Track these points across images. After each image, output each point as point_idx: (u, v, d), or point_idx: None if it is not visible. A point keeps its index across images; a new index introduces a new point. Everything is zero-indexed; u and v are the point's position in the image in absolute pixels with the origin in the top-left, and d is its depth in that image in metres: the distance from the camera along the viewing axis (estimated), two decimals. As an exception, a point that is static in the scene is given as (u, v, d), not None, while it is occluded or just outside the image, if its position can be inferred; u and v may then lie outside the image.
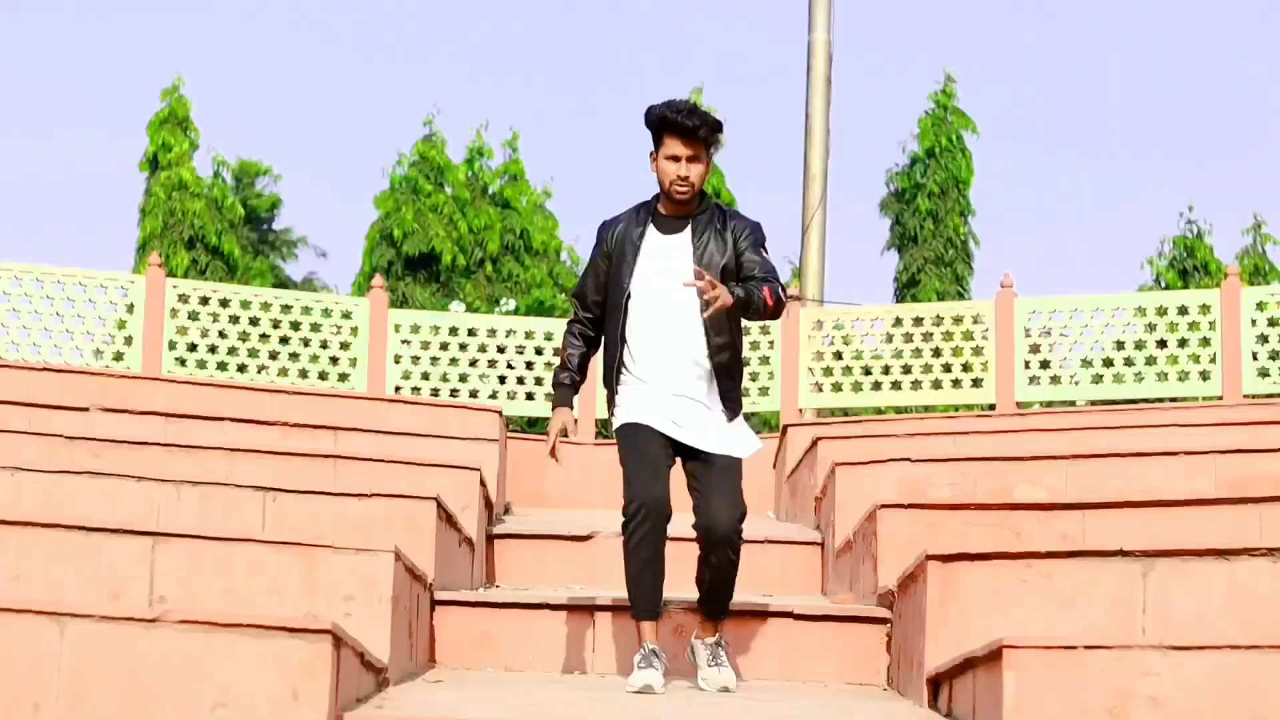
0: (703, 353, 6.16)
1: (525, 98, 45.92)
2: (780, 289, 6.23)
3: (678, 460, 6.24)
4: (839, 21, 17.52)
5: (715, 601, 6.27)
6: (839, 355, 15.14)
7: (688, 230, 6.28)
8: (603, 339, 6.41)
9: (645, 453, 6.13)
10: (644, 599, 6.18)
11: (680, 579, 6.34)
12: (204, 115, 26.99)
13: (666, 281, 6.19)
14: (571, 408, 6.42)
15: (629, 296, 6.24)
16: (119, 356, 14.63)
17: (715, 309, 5.96)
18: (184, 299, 14.85)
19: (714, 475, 6.13)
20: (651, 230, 6.31)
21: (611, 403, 6.31)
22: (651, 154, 6.26)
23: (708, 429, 6.17)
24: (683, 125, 6.14)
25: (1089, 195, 45.72)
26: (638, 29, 48.54)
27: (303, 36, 49.31)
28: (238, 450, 8.41)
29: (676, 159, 6.19)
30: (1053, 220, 47.15)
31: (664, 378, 6.16)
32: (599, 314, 6.40)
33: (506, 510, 10.46)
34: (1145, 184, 45.55)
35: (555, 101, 46.47)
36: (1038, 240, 45.62)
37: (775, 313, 6.26)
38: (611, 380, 6.27)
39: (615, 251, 6.33)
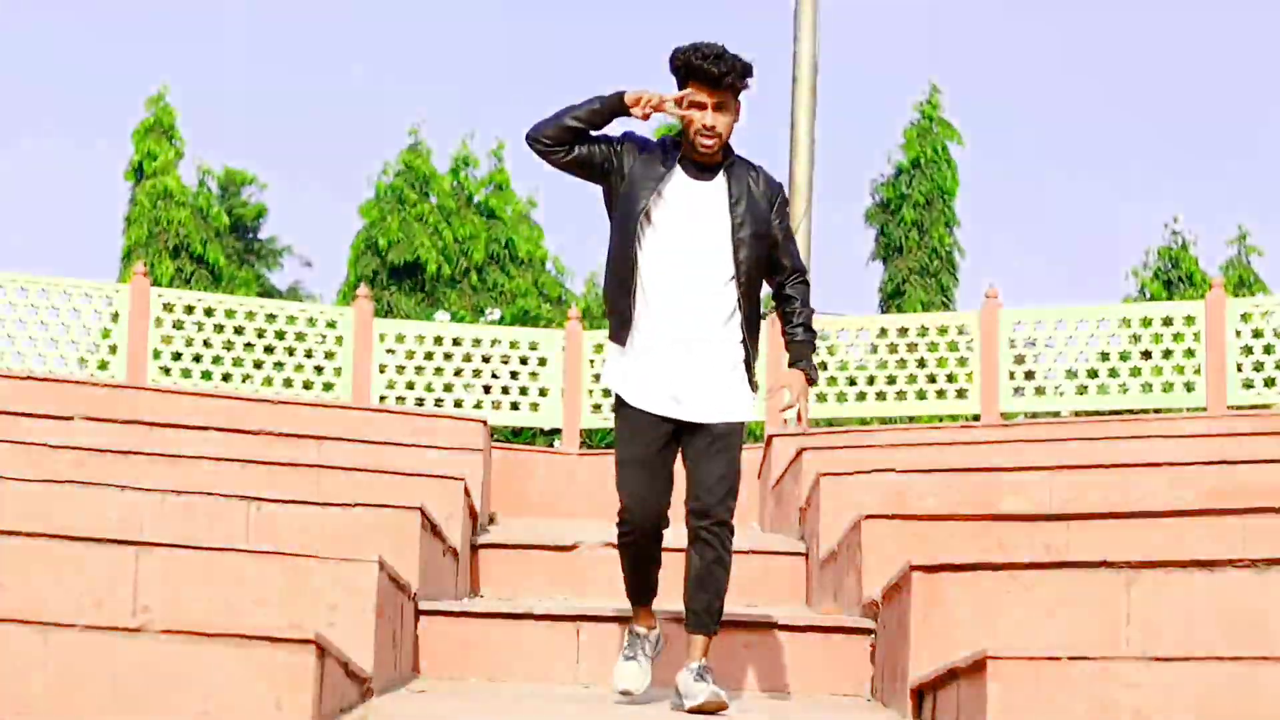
0: (729, 303, 5.85)
1: (511, 107, 45.93)
2: (809, 289, 6.13)
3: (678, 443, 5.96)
4: (825, 32, 17.55)
5: (703, 599, 5.88)
6: (824, 366, 15.15)
7: (721, 179, 5.91)
8: (610, 264, 5.94)
9: (645, 453, 5.88)
10: (638, 584, 6.08)
11: (664, 586, 6.33)
12: (189, 124, 26.93)
13: (695, 227, 5.85)
14: None
15: (648, 226, 5.83)
16: (103, 365, 14.61)
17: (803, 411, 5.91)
18: (168, 308, 14.84)
19: (705, 446, 5.85)
20: (679, 171, 5.87)
21: (621, 338, 5.90)
22: (676, 99, 5.84)
23: (708, 394, 5.84)
24: (708, 72, 5.74)
25: (1074, 206, 45.80)
26: (623, 39, 48.59)
27: (289, 46, 49.31)
28: (222, 459, 8.40)
29: (702, 107, 5.80)
30: (1038, 231, 47.23)
31: (679, 329, 5.81)
32: (584, 151, 5.89)
33: (491, 520, 10.45)
34: (1130, 195, 45.65)
35: (541, 111, 46.45)
36: (1023, 251, 45.70)
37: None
38: (628, 312, 5.85)
39: (633, 167, 5.88)
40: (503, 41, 48.99)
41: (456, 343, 15.49)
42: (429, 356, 15.34)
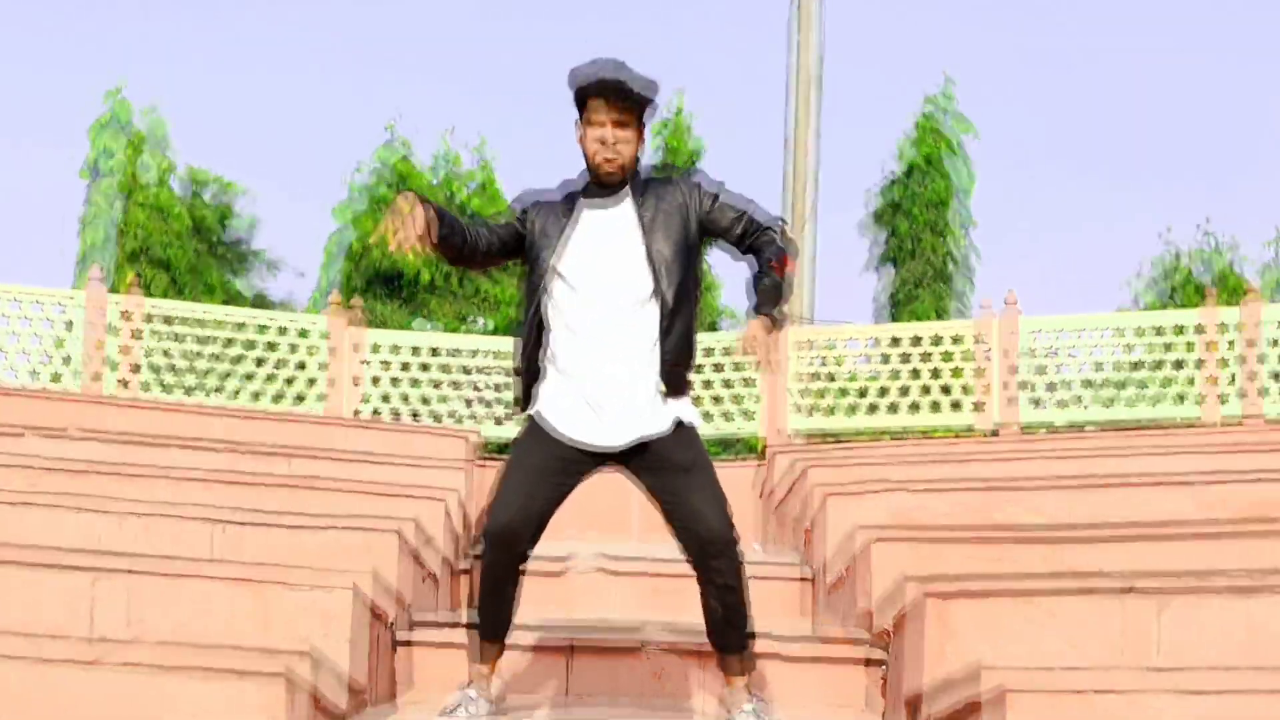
0: (651, 339, 5.72)
1: (496, 110, 45.92)
2: (779, 233, 5.89)
3: (576, 484, 5.83)
4: (823, 37, 17.63)
5: (725, 634, 5.86)
6: (831, 377, 15.14)
7: (628, 201, 5.80)
8: (523, 331, 5.85)
9: (540, 463, 5.72)
10: (490, 611, 5.91)
11: (661, 610, 6.33)
12: (150, 122, 26.75)
13: (605, 257, 5.75)
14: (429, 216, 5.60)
15: (551, 275, 5.75)
16: (56, 377, 14.58)
17: (770, 360, 5.71)
18: (127, 316, 14.81)
19: (681, 479, 5.71)
20: (582, 204, 5.81)
21: (526, 400, 5.84)
22: (577, 123, 5.80)
23: (639, 416, 5.70)
24: (604, 85, 5.68)
25: (1082, 212, 45.81)
26: (616, 41, 48.56)
27: (267, 46, 49.28)
28: (185, 478, 8.38)
29: (602, 125, 5.73)
30: (1048, 237, 47.25)
31: (597, 369, 5.68)
32: (490, 242, 5.85)
33: (475, 539, 10.44)
34: (1153, 198, 45.66)
35: (532, 117, 46.53)
36: (1032, 257, 45.69)
37: (789, 272, 5.87)
38: (528, 378, 5.82)
39: (537, 230, 5.82)
40: (488, 41, 49.00)
41: (434, 353, 15.48)
42: (405, 368, 15.33)
